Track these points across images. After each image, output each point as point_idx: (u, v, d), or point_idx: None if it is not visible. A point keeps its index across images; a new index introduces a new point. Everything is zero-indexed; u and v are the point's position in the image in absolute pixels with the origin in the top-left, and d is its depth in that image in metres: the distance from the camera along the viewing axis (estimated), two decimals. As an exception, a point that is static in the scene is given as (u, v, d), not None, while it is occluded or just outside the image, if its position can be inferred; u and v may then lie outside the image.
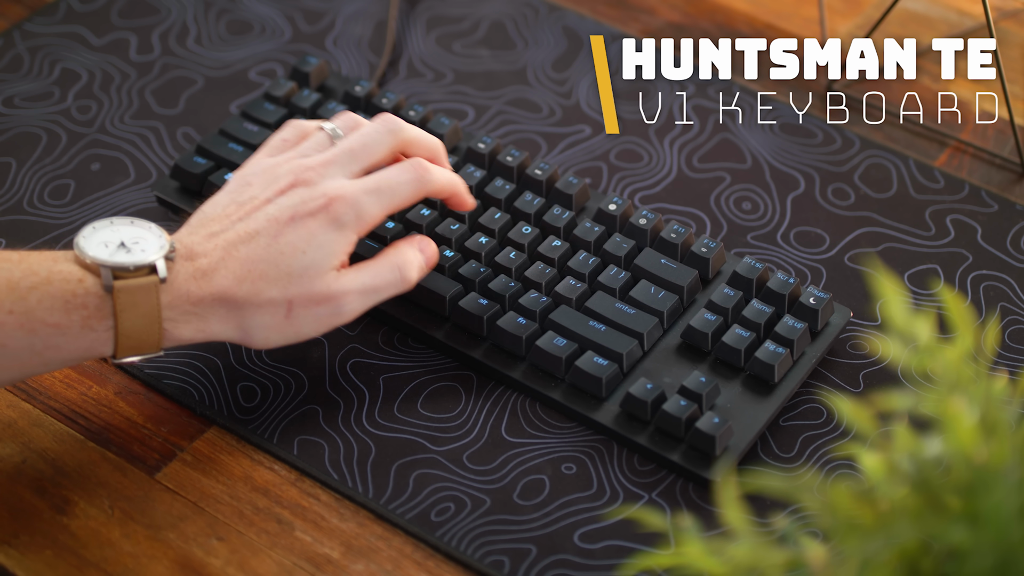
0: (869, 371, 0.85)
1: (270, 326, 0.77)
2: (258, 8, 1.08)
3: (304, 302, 0.77)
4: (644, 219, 0.88)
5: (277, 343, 0.78)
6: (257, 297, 0.76)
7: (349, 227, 0.78)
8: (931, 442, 0.59)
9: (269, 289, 0.76)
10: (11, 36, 1.05)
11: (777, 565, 0.59)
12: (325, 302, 0.78)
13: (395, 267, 0.81)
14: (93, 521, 0.78)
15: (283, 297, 0.77)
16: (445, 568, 0.77)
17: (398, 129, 0.82)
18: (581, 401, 0.82)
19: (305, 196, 0.78)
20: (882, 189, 0.96)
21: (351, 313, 0.79)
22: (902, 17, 1.08)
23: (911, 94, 1.03)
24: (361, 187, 0.79)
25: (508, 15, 1.08)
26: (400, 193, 0.80)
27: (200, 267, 0.76)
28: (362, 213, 0.79)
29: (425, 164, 0.81)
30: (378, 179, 0.80)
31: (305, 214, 0.78)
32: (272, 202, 0.78)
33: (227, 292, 0.76)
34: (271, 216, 0.78)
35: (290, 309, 0.77)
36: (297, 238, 0.77)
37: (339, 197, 0.78)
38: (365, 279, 0.79)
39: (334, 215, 0.78)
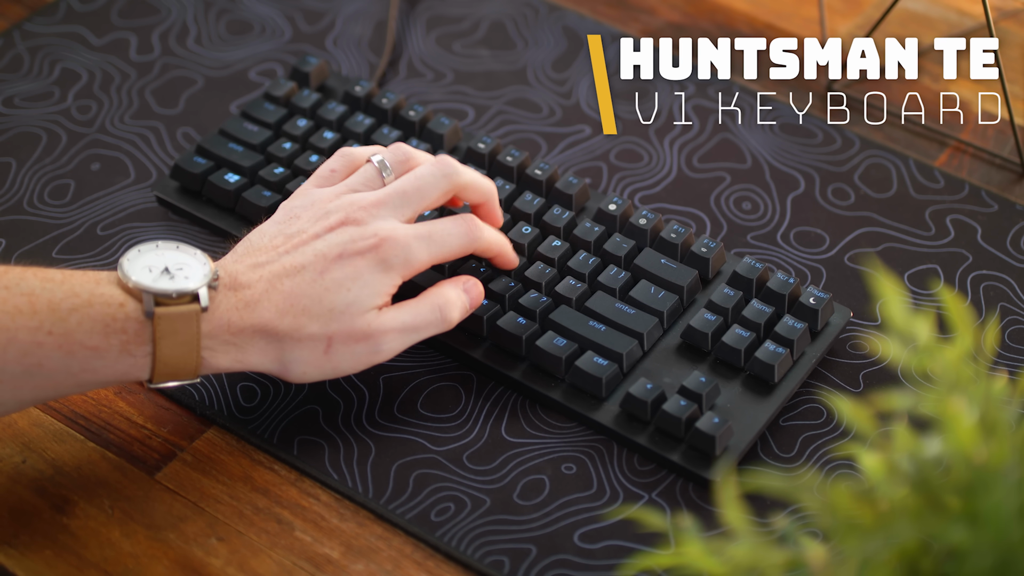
0: (869, 371, 0.85)
1: (308, 361, 0.77)
2: (258, 8, 1.08)
3: (344, 339, 0.77)
4: (644, 219, 0.88)
5: (314, 378, 0.78)
6: (298, 332, 0.76)
7: (396, 270, 0.78)
8: (931, 442, 0.59)
9: (310, 324, 0.76)
10: (11, 36, 1.05)
11: (777, 565, 0.59)
12: (364, 340, 0.77)
13: (436, 308, 0.80)
14: (93, 521, 0.78)
15: (323, 333, 0.76)
16: (445, 568, 0.77)
17: (453, 173, 0.81)
18: (581, 401, 0.82)
19: (355, 235, 0.78)
20: (882, 189, 0.96)
21: (390, 352, 0.79)
22: (902, 17, 1.08)
23: (911, 94, 1.03)
24: (413, 232, 0.79)
25: (508, 15, 1.08)
26: (449, 244, 0.80)
27: (243, 298, 0.76)
28: (410, 258, 0.78)
29: (478, 223, 0.81)
30: (431, 228, 0.80)
31: (354, 253, 0.77)
32: (321, 238, 0.78)
33: (268, 324, 0.76)
34: (319, 252, 0.77)
35: (329, 345, 0.77)
36: (343, 275, 0.77)
37: (390, 239, 0.78)
38: (406, 319, 0.79)
39: (383, 256, 0.78)
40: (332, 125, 0.95)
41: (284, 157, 0.93)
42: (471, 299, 0.82)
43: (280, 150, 0.93)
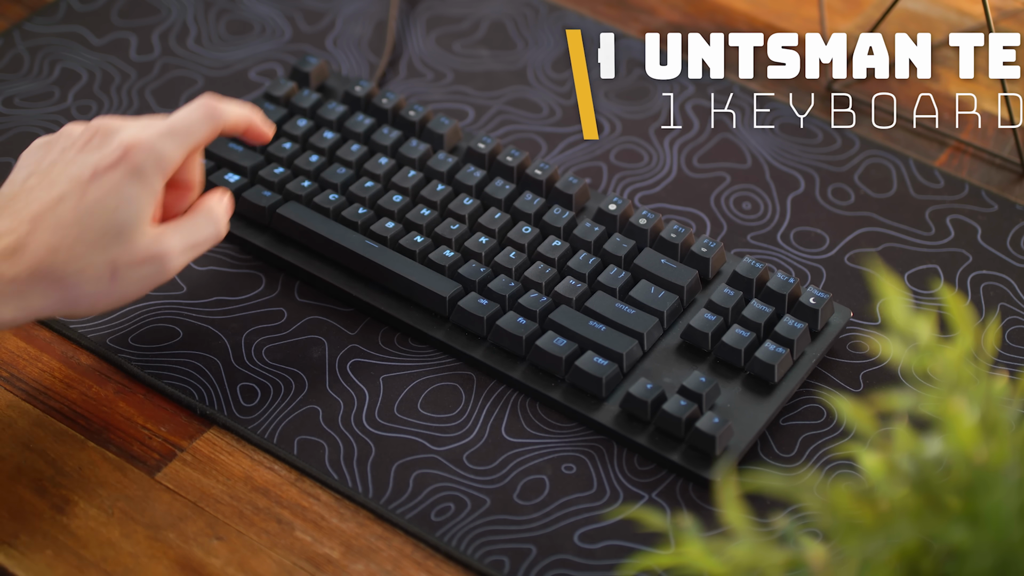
0: (869, 371, 0.85)
1: (95, 293, 0.75)
2: (258, 8, 1.08)
3: (128, 263, 0.75)
4: (644, 219, 0.88)
5: (104, 308, 0.76)
6: (75, 263, 0.74)
7: (150, 174, 0.76)
8: (931, 442, 0.59)
9: (88, 253, 0.74)
10: (11, 36, 1.05)
11: (777, 565, 0.59)
12: (150, 261, 0.76)
13: (212, 219, 0.79)
14: (93, 521, 0.78)
15: (105, 259, 0.74)
16: (445, 568, 0.77)
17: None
18: (581, 401, 0.82)
19: (104, 150, 0.76)
20: (882, 189, 0.96)
21: (175, 270, 0.77)
22: (902, 17, 1.08)
23: (911, 94, 1.03)
24: (156, 132, 0.77)
25: (508, 15, 1.08)
26: (197, 132, 0.78)
27: (7, 245, 0.74)
28: (162, 158, 0.76)
29: (217, 103, 0.79)
30: (171, 121, 0.77)
31: (106, 167, 0.75)
32: (73, 162, 0.76)
33: (43, 264, 0.73)
34: (72, 176, 0.75)
35: (115, 272, 0.75)
36: (103, 193, 0.75)
37: (136, 145, 0.75)
38: (186, 235, 0.78)
39: (134, 163, 0.75)
40: (332, 125, 0.95)
41: (284, 157, 0.93)
42: (229, 208, 0.81)
43: (280, 150, 0.93)
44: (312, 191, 0.91)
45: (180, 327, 0.87)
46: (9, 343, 0.86)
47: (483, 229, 0.89)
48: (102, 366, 0.85)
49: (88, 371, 0.85)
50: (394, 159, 0.93)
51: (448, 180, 0.92)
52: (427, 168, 0.92)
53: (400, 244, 0.88)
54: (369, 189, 0.91)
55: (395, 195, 0.90)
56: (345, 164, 0.93)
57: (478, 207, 0.90)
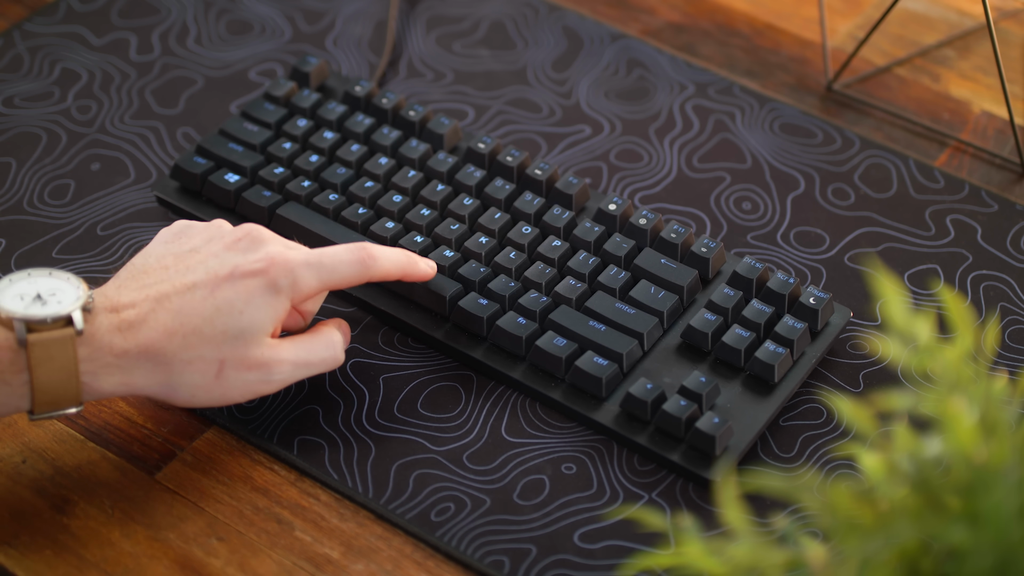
0: (869, 371, 0.85)
1: (198, 385, 0.75)
2: (258, 8, 1.08)
3: (236, 365, 0.75)
4: (644, 219, 0.88)
5: (202, 403, 0.76)
6: (187, 353, 0.74)
7: (284, 293, 0.76)
8: (931, 442, 0.59)
9: (201, 346, 0.74)
10: (11, 36, 1.05)
11: (777, 565, 0.59)
12: (258, 368, 0.76)
13: (331, 344, 0.79)
14: (93, 521, 0.78)
15: (216, 357, 0.75)
16: (445, 568, 0.77)
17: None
18: (581, 401, 0.82)
19: (248, 255, 0.77)
20: (882, 189, 0.96)
21: (280, 384, 0.77)
22: (902, 17, 1.09)
23: (911, 94, 1.03)
24: (303, 258, 0.77)
25: (508, 15, 1.08)
26: (340, 272, 0.78)
27: (126, 319, 0.74)
28: (298, 282, 0.77)
29: (372, 252, 0.80)
30: (321, 254, 0.78)
31: (244, 273, 0.76)
32: (215, 256, 0.77)
33: (154, 345, 0.74)
34: (210, 269, 0.76)
35: (221, 370, 0.75)
36: (235, 296, 0.75)
37: (279, 261, 0.76)
38: (300, 352, 0.78)
39: (272, 278, 0.76)
40: (332, 125, 0.95)
41: (284, 157, 0.93)
42: (346, 337, 0.82)
43: (280, 150, 0.93)
44: (312, 191, 0.91)
45: (180, 327, 0.87)
46: (9, 343, 0.86)
47: (483, 229, 0.89)
48: (102, 366, 0.85)
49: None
50: (394, 159, 0.93)
51: (448, 180, 0.92)
52: (427, 168, 0.92)
53: (400, 244, 0.88)
54: (369, 189, 0.91)
55: (395, 195, 0.90)
56: (345, 164, 0.93)
57: (478, 207, 0.90)
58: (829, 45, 1.06)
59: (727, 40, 1.07)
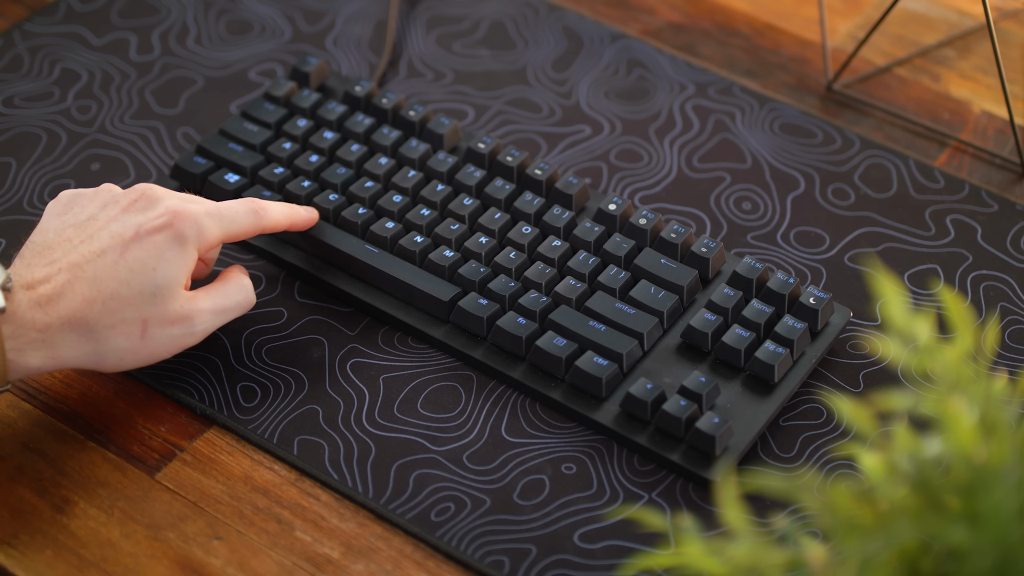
0: (869, 371, 0.85)
1: (125, 348, 0.76)
2: (258, 8, 1.08)
3: (159, 322, 0.77)
4: (644, 219, 0.88)
5: (131, 365, 0.78)
6: (109, 318, 0.75)
7: (192, 243, 0.78)
8: (931, 442, 0.59)
9: (122, 309, 0.75)
10: (11, 36, 1.05)
11: (777, 565, 0.59)
12: (180, 321, 0.78)
13: (242, 287, 0.81)
14: (93, 521, 0.78)
15: (138, 317, 0.76)
16: (445, 568, 0.77)
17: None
18: (581, 401, 0.82)
19: (149, 213, 0.78)
20: (882, 189, 0.96)
21: (203, 333, 0.79)
22: (902, 17, 1.09)
23: (911, 94, 1.03)
24: (203, 209, 0.79)
25: (508, 15, 1.08)
26: (239, 223, 0.81)
27: (43, 293, 0.74)
28: (203, 232, 0.78)
29: (263, 205, 0.82)
30: (218, 205, 0.81)
31: (150, 230, 0.77)
32: (115, 219, 0.77)
33: (76, 315, 0.75)
34: (115, 233, 0.77)
35: (145, 329, 0.76)
36: (144, 254, 0.76)
37: (182, 213, 0.78)
38: (217, 300, 0.80)
39: (178, 230, 0.77)
40: (332, 125, 0.95)
41: (284, 157, 0.93)
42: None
43: (280, 150, 0.93)
44: (312, 191, 0.91)
45: (180, 327, 0.87)
46: (9, 343, 0.86)
47: (483, 229, 0.89)
48: (102, 366, 0.85)
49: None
50: (394, 159, 0.93)
51: (448, 180, 0.92)
52: (427, 168, 0.92)
53: (400, 244, 0.88)
54: (369, 189, 0.91)
55: (395, 195, 0.90)
56: (345, 164, 0.93)
57: (478, 207, 0.90)
58: (829, 45, 1.06)
59: (727, 40, 1.07)
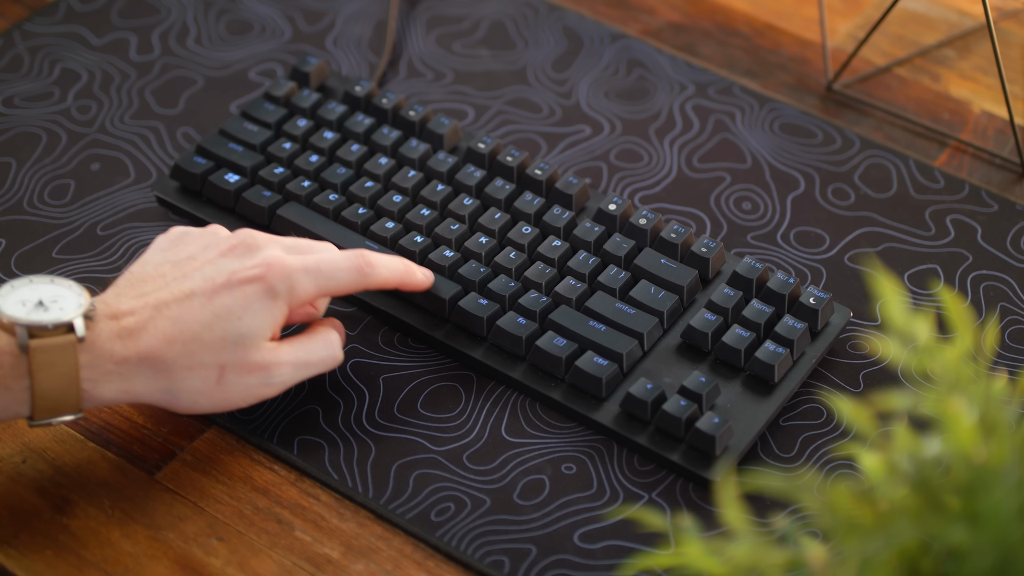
0: (869, 371, 0.85)
1: (199, 391, 0.76)
2: (258, 8, 1.08)
3: (237, 369, 0.76)
4: (644, 219, 0.88)
5: (204, 409, 0.77)
6: (188, 359, 0.75)
7: (282, 298, 0.77)
8: (931, 442, 0.59)
9: (201, 352, 0.75)
10: (11, 36, 1.05)
11: (777, 565, 0.59)
12: (259, 371, 0.76)
13: (329, 344, 0.80)
14: (93, 521, 0.78)
15: (216, 362, 0.75)
16: (445, 568, 0.77)
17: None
18: (581, 401, 0.82)
19: (244, 261, 0.77)
20: (882, 189, 0.96)
21: (281, 386, 0.78)
22: (902, 17, 1.09)
23: (911, 94, 1.03)
24: (300, 264, 0.78)
25: (508, 15, 1.08)
26: (338, 279, 0.79)
27: (126, 326, 0.74)
28: (295, 288, 0.77)
29: (370, 259, 0.80)
30: (319, 260, 0.79)
31: (241, 280, 0.76)
32: (212, 263, 0.77)
33: (155, 352, 0.74)
34: (207, 276, 0.76)
35: (222, 375, 0.76)
36: (232, 302, 0.75)
37: (276, 266, 0.77)
38: (300, 354, 0.78)
39: (269, 284, 0.76)
40: (332, 125, 0.95)
41: (284, 157, 0.93)
42: (342, 335, 0.82)
43: (280, 150, 0.93)
44: (312, 191, 0.91)
45: (180, 327, 0.87)
46: (9, 343, 0.86)
47: (483, 229, 0.89)
48: (102, 366, 0.85)
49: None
50: (394, 159, 0.93)
51: (448, 180, 0.92)
52: (427, 168, 0.92)
53: (400, 244, 0.88)
54: (369, 189, 0.91)
55: (395, 195, 0.90)
56: (345, 164, 0.93)
57: (478, 207, 0.90)
58: (829, 45, 1.06)
59: (727, 40, 1.07)
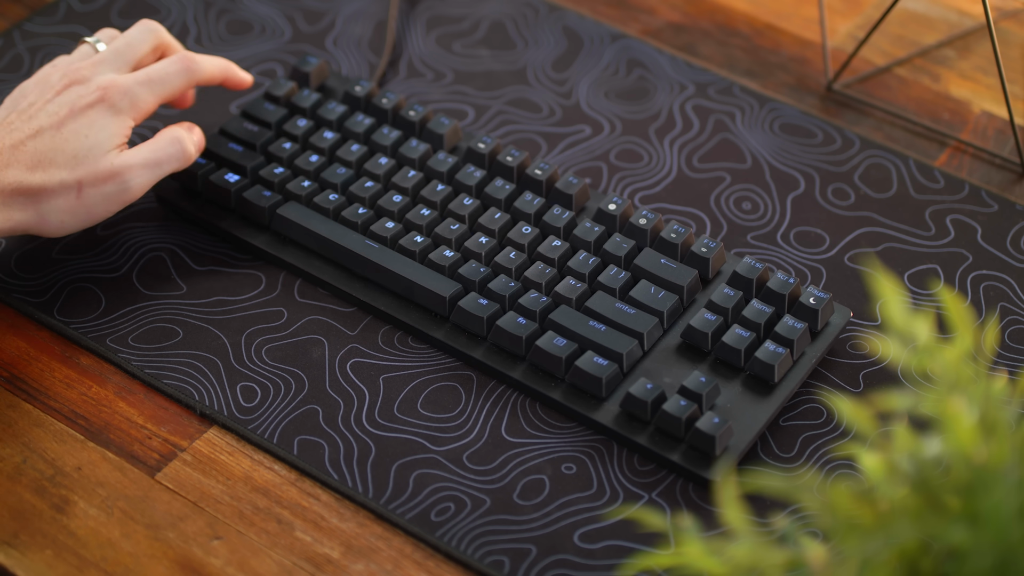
0: (869, 371, 0.85)
1: (63, 208, 0.84)
2: (258, 8, 1.08)
3: (92, 181, 0.84)
4: (644, 219, 0.88)
5: (72, 227, 0.85)
6: (49, 182, 0.83)
7: (125, 113, 0.86)
8: (931, 442, 0.59)
9: (59, 172, 0.83)
10: (11, 36, 1.05)
11: (777, 565, 0.59)
12: (111, 179, 0.84)
13: (174, 139, 0.88)
14: (93, 521, 0.78)
15: (72, 178, 0.83)
16: (445, 568, 0.77)
17: (158, 29, 0.90)
18: (581, 401, 0.82)
19: (81, 91, 0.85)
20: (882, 189, 0.96)
21: (138, 188, 0.86)
22: (902, 17, 1.09)
23: (911, 94, 1.03)
24: (133, 79, 0.87)
25: (508, 15, 1.08)
26: (171, 82, 0.88)
27: None
28: (136, 101, 0.86)
29: (193, 55, 0.89)
30: (148, 71, 0.88)
31: (83, 107, 0.85)
32: (51, 102, 0.85)
33: (21, 182, 0.82)
34: (51, 112, 0.85)
35: (80, 190, 0.84)
36: (79, 125, 0.84)
37: (112, 86, 0.86)
38: (146, 154, 0.86)
39: (110, 103, 0.85)
40: (332, 125, 0.95)
41: (284, 157, 0.93)
42: (197, 136, 0.89)
43: (280, 150, 0.93)
44: (312, 191, 0.91)
45: (180, 327, 0.87)
46: (9, 343, 0.86)
47: (483, 229, 0.89)
48: (102, 366, 0.85)
49: (88, 371, 0.85)
50: (394, 159, 0.93)
51: (448, 180, 0.92)
52: (427, 168, 0.92)
53: (400, 244, 0.88)
54: (369, 189, 0.91)
55: (395, 195, 0.90)
56: (345, 164, 0.93)
57: (478, 207, 0.90)
58: (829, 45, 1.06)
59: (727, 40, 1.07)
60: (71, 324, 0.87)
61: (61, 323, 0.87)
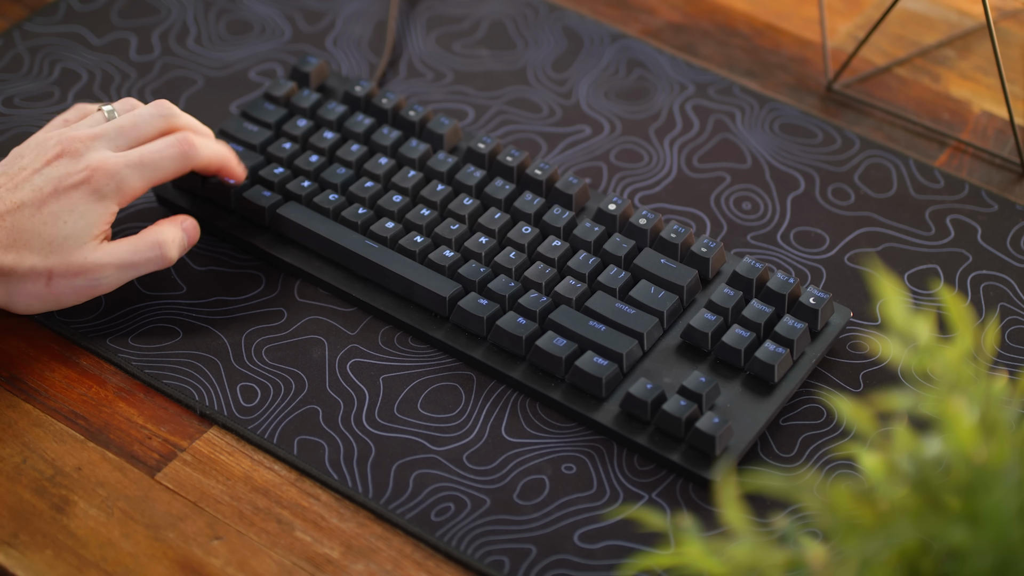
0: (869, 371, 0.85)
1: (31, 293, 0.82)
2: (258, 8, 1.08)
3: (63, 272, 0.81)
4: (644, 219, 0.88)
5: (38, 310, 0.83)
6: (20, 265, 0.80)
7: (110, 198, 0.82)
8: (931, 442, 0.59)
9: (31, 257, 0.80)
10: (11, 36, 1.05)
11: (777, 565, 0.59)
12: (83, 274, 0.82)
13: (155, 244, 0.84)
14: (93, 521, 0.78)
15: (44, 266, 0.81)
16: (445, 568, 0.77)
17: (171, 115, 0.85)
18: (581, 401, 0.82)
19: (69, 168, 0.82)
20: (882, 189, 0.96)
21: (109, 286, 0.83)
22: (902, 17, 1.09)
23: (912, 94, 1.03)
24: (123, 160, 0.83)
25: (508, 15, 1.08)
26: (163, 167, 0.84)
27: None
28: (123, 185, 0.82)
29: (191, 139, 0.85)
30: (141, 152, 0.83)
31: (68, 186, 0.81)
32: (39, 172, 0.82)
33: None
34: (36, 187, 0.81)
35: (50, 279, 0.81)
36: (59, 208, 0.81)
37: (100, 169, 0.82)
38: (123, 254, 0.83)
39: (95, 186, 0.81)
40: (332, 125, 0.95)
41: (284, 157, 0.93)
42: (189, 237, 0.86)
43: (280, 150, 0.93)
44: (312, 191, 0.91)
45: (180, 327, 0.87)
46: (9, 344, 0.86)
47: (483, 229, 0.89)
48: (102, 366, 0.85)
49: (88, 371, 0.85)
50: (394, 159, 0.93)
51: (448, 180, 0.92)
52: (427, 168, 0.92)
53: (400, 244, 0.88)
54: (369, 189, 0.91)
55: (395, 195, 0.90)
56: (345, 164, 0.93)
57: (478, 207, 0.90)
58: (829, 45, 1.06)
59: (727, 40, 1.07)
60: (71, 324, 0.87)
61: (61, 323, 0.87)
